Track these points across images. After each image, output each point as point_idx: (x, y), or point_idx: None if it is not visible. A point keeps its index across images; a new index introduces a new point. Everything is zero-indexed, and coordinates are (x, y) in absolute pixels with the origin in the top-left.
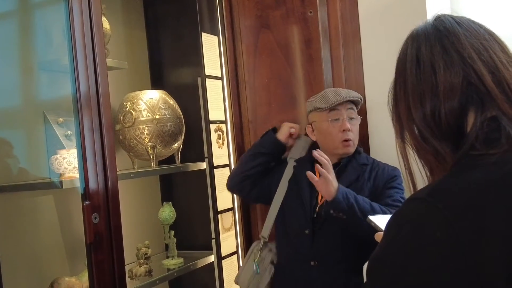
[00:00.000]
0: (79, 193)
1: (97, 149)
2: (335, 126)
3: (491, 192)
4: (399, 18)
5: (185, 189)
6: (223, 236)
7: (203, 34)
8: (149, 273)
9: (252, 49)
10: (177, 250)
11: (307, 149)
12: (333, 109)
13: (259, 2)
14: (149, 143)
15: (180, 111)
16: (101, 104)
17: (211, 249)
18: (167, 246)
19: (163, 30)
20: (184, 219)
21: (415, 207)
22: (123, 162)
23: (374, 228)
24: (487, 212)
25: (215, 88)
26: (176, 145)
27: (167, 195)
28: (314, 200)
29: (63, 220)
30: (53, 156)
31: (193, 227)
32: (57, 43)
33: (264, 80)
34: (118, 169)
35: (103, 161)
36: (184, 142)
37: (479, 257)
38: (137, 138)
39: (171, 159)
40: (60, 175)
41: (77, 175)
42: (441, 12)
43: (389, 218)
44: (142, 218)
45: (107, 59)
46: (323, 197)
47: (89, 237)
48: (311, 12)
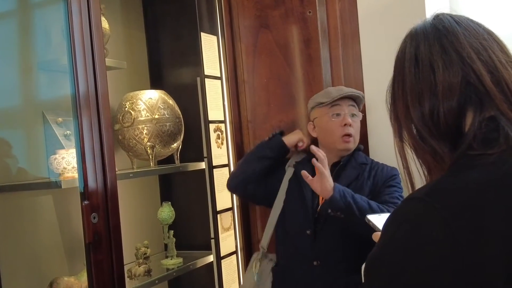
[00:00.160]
0: (78, 193)
1: (96, 149)
2: (336, 121)
3: (489, 192)
4: (398, 18)
5: (184, 189)
6: (222, 236)
7: (202, 34)
8: (148, 273)
9: (251, 49)
10: (176, 250)
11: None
12: (335, 104)
13: (258, 2)
14: (148, 143)
15: (179, 111)
16: (100, 104)
17: (210, 249)
18: (166, 246)
19: (162, 30)
20: (183, 219)
21: (413, 206)
22: (122, 162)
23: (372, 228)
24: (485, 212)
25: (214, 88)
26: (175, 145)
27: (166, 195)
28: (316, 200)
29: (62, 219)
30: (52, 156)
31: (192, 227)
32: (56, 43)
33: (263, 80)
34: (117, 169)
35: (102, 161)
36: (183, 142)
37: (477, 257)
38: (136, 138)
39: (170, 159)
40: (59, 175)
41: (76, 175)
42: (440, 11)
43: (387, 218)
44: (141, 218)
45: (106, 59)
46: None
47: (88, 237)
48: (310, 12)
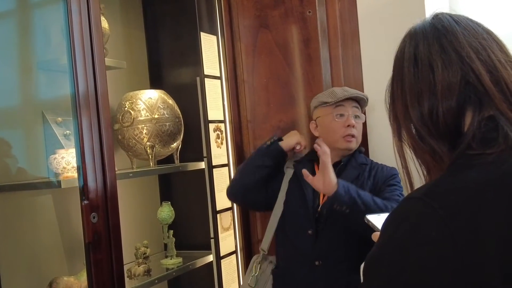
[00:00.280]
0: (77, 193)
1: (96, 149)
2: (339, 121)
3: (488, 192)
4: (398, 18)
5: (184, 189)
6: (222, 236)
7: (202, 33)
8: (147, 272)
9: (251, 48)
10: (176, 249)
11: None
12: (339, 104)
13: (257, 2)
14: (148, 143)
15: (179, 110)
16: (99, 104)
17: (210, 248)
18: (166, 246)
19: (162, 29)
20: (183, 219)
21: (411, 206)
22: (122, 162)
23: (372, 228)
24: (484, 212)
25: (214, 88)
26: (175, 144)
27: (166, 195)
28: (317, 200)
29: (62, 219)
30: (52, 156)
31: (192, 227)
32: (56, 42)
33: (263, 79)
34: (116, 169)
35: (102, 160)
36: (183, 141)
37: (476, 257)
38: (136, 138)
39: (170, 159)
40: (58, 174)
41: (75, 174)
42: (439, 11)
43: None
44: (140, 217)
45: (106, 58)
46: (325, 196)
47: (87, 236)
48: (309, 12)
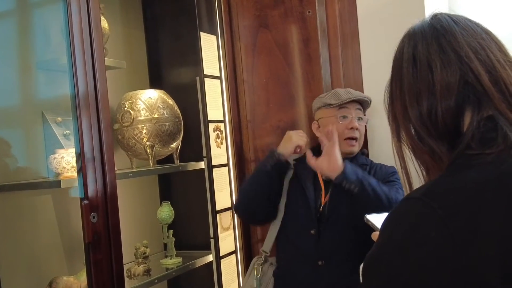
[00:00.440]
0: (77, 193)
1: (96, 149)
2: (342, 124)
3: (487, 192)
4: (397, 18)
5: (183, 189)
6: (221, 236)
7: (202, 33)
8: (147, 272)
9: (251, 48)
10: (176, 249)
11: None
12: (343, 106)
13: (257, 2)
14: (148, 143)
15: (179, 110)
16: (99, 104)
17: (209, 248)
18: (165, 246)
19: (161, 29)
20: (182, 219)
21: (410, 206)
22: (121, 162)
23: (371, 228)
24: (483, 212)
25: (213, 88)
26: (175, 144)
27: (165, 195)
28: (319, 199)
29: (62, 219)
30: (52, 156)
31: (192, 227)
32: (56, 42)
33: (262, 79)
34: (116, 169)
35: (102, 160)
36: (183, 141)
37: (475, 257)
38: (136, 138)
39: (169, 159)
40: (58, 174)
41: (75, 174)
42: (438, 11)
43: (385, 217)
44: (140, 217)
45: (106, 58)
46: (326, 196)
47: (87, 236)
48: (309, 12)
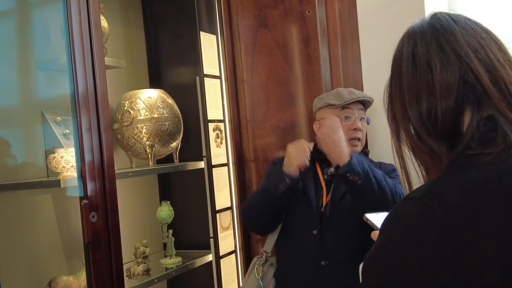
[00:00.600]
0: (77, 192)
1: (95, 148)
2: (345, 124)
3: (486, 192)
4: (397, 18)
5: (183, 188)
6: (221, 235)
7: (202, 33)
8: (147, 272)
9: (251, 48)
10: (175, 249)
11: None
12: (346, 107)
13: (257, 1)
14: (147, 142)
15: (179, 110)
16: (99, 103)
17: (209, 248)
18: (165, 245)
19: (161, 29)
20: (182, 218)
21: (410, 206)
22: (121, 161)
23: (371, 227)
24: (483, 212)
25: (213, 87)
26: (174, 144)
27: (165, 194)
28: (320, 200)
29: (61, 219)
30: (51, 155)
31: (191, 226)
32: (55, 42)
33: (262, 79)
34: (116, 168)
35: (101, 160)
36: (183, 141)
37: (475, 257)
38: (135, 137)
39: (169, 158)
40: (58, 174)
41: (75, 174)
42: (437, 10)
43: (385, 217)
44: (140, 217)
45: (105, 58)
46: (328, 195)
47: (87, 236)
48: (309, 12)
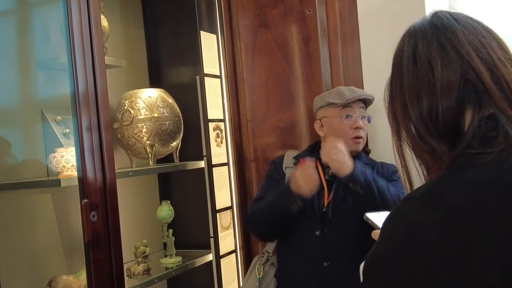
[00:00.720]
0: (77, 191)
1: (95, 148)
2: (347, 123)
3: (487, 191)
4: (398, 17)
5: (183, 188)
6: (221, 235)
7: (202, 32)
8: (147, 271)
9: (251, 47)
10: (176, 248)
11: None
12: (347, 105)
13: (257, 1)
14: (148, 142)
15: (179, 109)
16: (99, 103)
17: (209, 247)
18: (165, 245)
19: (161, 28)
20: (182, 218)
21: (411, 206)
22: (121, 161)
23: (371, 226)
24: (483, 212)
25: (213, 87)
26: (175, 143)
27: (165, 194)
28: (322, 200)
29: (61, 218)
30: (51, 154)
31: (192, 226)
32: (55, 41)
33: (262, 78)
34: (116, 168)
35: (101, 159)
36: (183, 140)
37: (475, 257)
38: (136, 137)
39: (169, 158)
40: (58, 173)
41: (75, 173)
42: (438, 9)
43: (386, 217)
44: (140, 216)
45: (105, 57)
46: (329, 195)
47: (87, 235)
48: (309, 11)
